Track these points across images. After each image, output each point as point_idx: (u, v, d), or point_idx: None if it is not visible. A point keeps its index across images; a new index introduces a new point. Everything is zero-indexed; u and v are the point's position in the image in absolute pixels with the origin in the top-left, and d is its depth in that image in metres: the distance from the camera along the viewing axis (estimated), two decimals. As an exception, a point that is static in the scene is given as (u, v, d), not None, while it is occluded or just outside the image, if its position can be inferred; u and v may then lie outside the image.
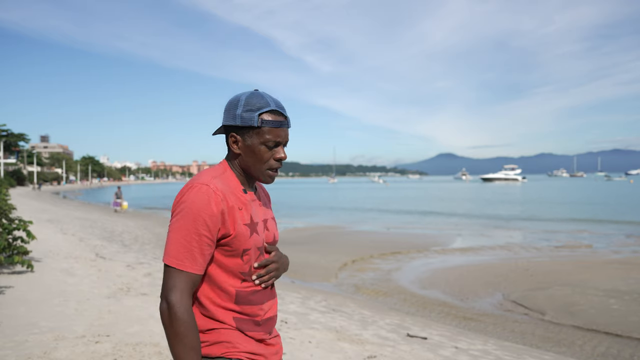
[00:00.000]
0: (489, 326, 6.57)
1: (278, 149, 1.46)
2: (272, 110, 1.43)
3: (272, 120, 1.42)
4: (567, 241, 15.47)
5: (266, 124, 1.41)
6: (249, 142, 1.44)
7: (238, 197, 1.45)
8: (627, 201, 38.43)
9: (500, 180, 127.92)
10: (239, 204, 1.43)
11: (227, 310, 1.43)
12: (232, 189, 1.44)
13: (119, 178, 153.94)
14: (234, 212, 1.40)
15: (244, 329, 1.44)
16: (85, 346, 4.01)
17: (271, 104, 1.43)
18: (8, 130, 68.82)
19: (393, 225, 21.31)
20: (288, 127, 1.48)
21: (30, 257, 7.94)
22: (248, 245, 1.43)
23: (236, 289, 1.43)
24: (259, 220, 1.49)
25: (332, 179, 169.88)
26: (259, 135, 1.42)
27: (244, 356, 1.43)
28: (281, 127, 1.44)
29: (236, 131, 1.45)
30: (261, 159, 1.45)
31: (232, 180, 1.47)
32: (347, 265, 11.15)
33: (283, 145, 1.48)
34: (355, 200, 44.98)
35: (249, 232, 1.43)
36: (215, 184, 1.39)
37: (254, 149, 1.44)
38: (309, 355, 4.19)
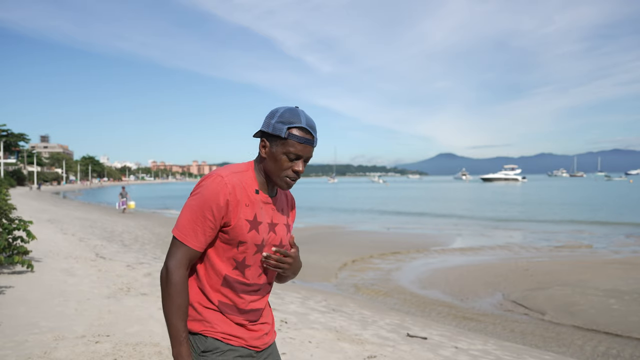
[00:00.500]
0: (489, 326, 6.57)
1: (298, 162, 1.59)
2: (302, 127, 1.56)
3: (299, 136, 1.55)
4: (567, 241, 15.47)
5: (292, 137, 1.55)
6: (274, 149, 1.58)
7: (248, 194, 1.59)
8: (626, 201, 38.43)
9: (500, 180, 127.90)
10: (246, 201, 1.58)
11: (215, 290, 1.60)
12: (245, 186, 1.59)
13: (119, 178, 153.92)
14: (239, 206, 1.55)
15: (224, 311, 1.61)
16: (85, 346, 4.01)
17: (302, 121, 1.56)
18: (8, 130, 68.82)
19: (393, 225, 21.31)
20: (313, 145, 1.60)
21: (30, 257, 7.94)
22: (245, 238, 1.57)
23: (225, 273, 1.60)
24: (264, 221, 1.62)
25: (332, 179, 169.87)
26: (284, 146, 1.56)
27: (220, 336, 1.59)
28: (305, 143, 1.57)
29: (267, 138, 1.59)
30: (280, 167, 1.58)
31: (249, 179, 1.62)
32: (347, 265, 11.15)
33: (303, 160, 1.60)
34: (355, 201, 44.99)
35: (248, 228, 1.57)
36: (231, 178, 1.56)
37: (276, 157, 1.57)
38: (309, 355, 4.19)
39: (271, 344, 1.77)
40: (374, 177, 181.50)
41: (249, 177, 1.62)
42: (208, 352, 1.58)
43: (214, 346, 1.59)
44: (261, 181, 1.64)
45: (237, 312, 1.63)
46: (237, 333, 1.62)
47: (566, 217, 25.02)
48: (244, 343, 1.65)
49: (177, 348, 1.53)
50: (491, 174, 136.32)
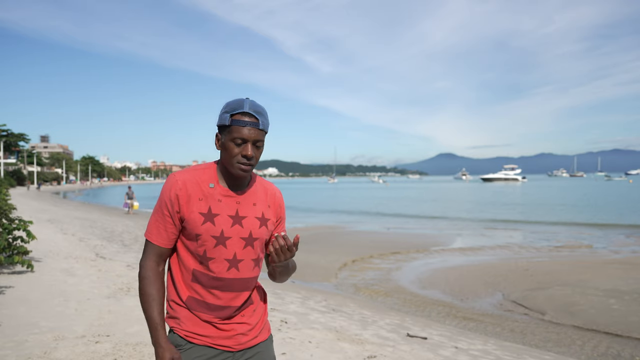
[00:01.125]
0: (489, 326, 6.57)
1: (245, 146, 1.59)
2: (244, 112, 1.58)
3: (241, 120, 1.58)
4: (567, 241, 15.47)
5: (235, 123, 1.58)
6: (223, 139, 1.63)
7: (201, 188, 1.64)
8: (626, 201, 38.43)
9: (500, 180, 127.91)
10: (199, 195, 1.63)
11: (186, 286, 1.66)
12: (199, 181, 1.65)
13: (119, 178, 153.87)
14: (190, 200, 1.62)
15: (192, 307, 1.65)
16: (85, 346, 4.01)
17: (245, 107, 1.59)
18: (8, 130, 68.82)
19: (393, 225, 21.31)
20: (258, 128, 1.60)
21: (30, 257, 7.94)
22: (199, 231, 1.61)
23: (193, 268, 1.65)
24: (221, 214, 1.63)
25: (332, 179, 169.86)
26: (230, 133, 1.59)
27: (183, 334, 1.65)
28: (246, 126, 1.58)
29: (219, 131, 1.65)
30: (231, 154, 1.60)
31: (206, 175, 1.67)
32: (347, 265, 11.15)
33: (252, 144, 1.60)
34: (355, 202, 44.99)
35: (202, 220, 1.61)
36: (182, 174, 1.65)
37: (226, 146, 1.61)
38: (309, 355, 4.19)
39: (253, 346, 1.72)
40: (374, 177, 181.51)
41: (207, 173, 1.67)
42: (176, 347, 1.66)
43: (177, 343, 1.66)
44: (222, 176, 1.67)
45: (207, 309, 1.64)
46: (202, 331, 1.64)
47: (566, 217, 25.02)
48: (209, 342, 1.65)
49: (153, 336, 1.60)
50: (491, 174, 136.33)
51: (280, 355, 4.10)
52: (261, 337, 1.75)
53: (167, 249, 1.67)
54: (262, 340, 1.75)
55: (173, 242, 1.67)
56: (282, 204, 1.81)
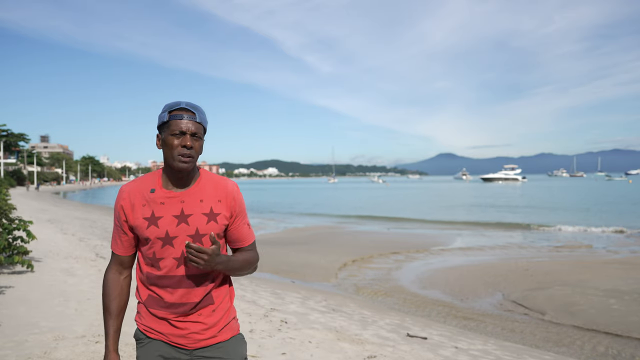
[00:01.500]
0: (489, 326, 6.57)
1: (184, 137, 1.65)
2: (181, 107, 1.66)
3: (178, 114, 1.66)
4: (567, 241, 15.47)
5: (173, 117, 1.66)
6: (163, 136, 1.69)
7: (143, 195, 1.71)
8: (626, 201, 38.42)
9: (500, 180, 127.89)
10: (142, 201, 1.70)
11: (146, 288, 1.76)
12: (141, 189, 1.72)
13: (119, 178, 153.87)
14: (134, 208, 1.70)
15: (148, 305, 1.74)
16: (85, 346, 4.01)
17: (181, 104, 1.67)
18: (8, 130, 68.80)
19: (393, 225, 21.31)
20: (195, 120, 1.67)
21: (30, 257, 7.94)
22: (146, 234, 1.69)
23: (146, 271, 1.74)
24: (165, 215, 1.68)
25: (332, 179, 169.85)
26: (169, 128, 1.66)
27: (142, 328, 1.76)
28: (185, 119, 1.65)
29: (159, 131, 1.72)
30: (171, 147, 1.66)
31: (150, 181, 1.74)
32: (347, 265, 11.15)
33: (190, 135, 1.66)
34: (355, 202, 44.99)
35: (146, 225, 1.68)
36: (127, 186, 1.75)
37: (166, 141, 1.67)
38: (309, 355, 4.19)
39: (209, 345, 1.72)
40: (374, 177, 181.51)
41: (150, 179, 1.74)
42: (137, 340, 1.79)
43: (138, 336, 1.78)
44: (167, 178, 1.72)
45: (163, 306, 1.71)
46: (157, 327, 1.73)
47: (566, 216, 25.01)
48: (163, 338, 1.72)
49: (105, 346, 1.77)
50: (491, 174, 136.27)
51: (280, 355, 4.10)
52: (221, 337, 1.75)
53: (127, 256, 1.80)
54: (223, 340, 1.75)
55: (130, 250, 1.79)
56: (236, 197, 1.79)
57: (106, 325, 1.77)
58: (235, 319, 1.84)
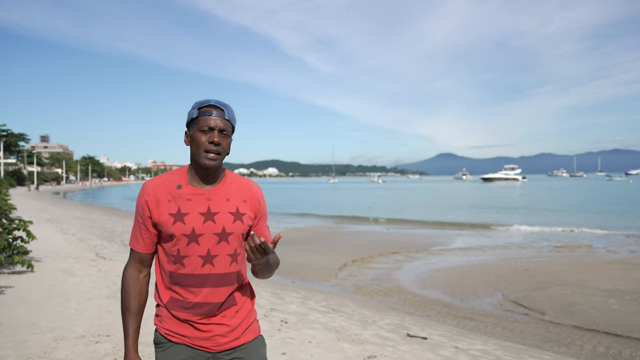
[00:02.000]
0: (488, 326, 6.57)
1: (212, 134, 1.64)
2: (210, 104, 1.67)
3: (207, 111, 1.66)
4: (567, 241, 15.47)
5: (202, 114, 1.66)
6: (191, 132, 1.68)
7: (170, 191, 1.68)
8: (626, 201, 38.42)
9: (500, 180, 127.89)
10: (168, 197, 1.68)
11: (166, 288, 1.72)
12: (168, 185, 1.70)
13: (119, 178, 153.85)
14: (160, 203, 1.67)
15: (170, 307, 1.70)
16: (85, 346, 4.01)
17: (211, 101, 1.68)
18: (8, 130, 68.80)
19: (393, 225, 21.30)
20: (224, 117, 1.67)
21: (30, 257, 7.94)
22: (171, 231, 1.65)
23: (169, 270, 1.69)
24: (192, 212, 1.66)
25: (332, 179, 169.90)
26: (197, 125, 1.66)
27: (164, 332, 1.71)
28: (213, 115, 1.65)
29: (187, 128, 1.71)
30: (199, 144, 1.65)
31: (176, 177, 1.72)
32: (347, 265, 11.15)
33: (218, 132, 1.65)
34: (355, 203, 44.98)
35: (172, 221, 1.65)
36: (152, 181, 1.72)
37: (194, 138, 1.66)
38: (309, 355, 4.19)
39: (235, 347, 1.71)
40: (374, 177, 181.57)
41: (176, 175, 1.72)
42: (156, 345, 1.73)
43: (158, 340, 1.73)
44: (193, 175, 1.71)
45: (185, 307, 1.67)
46: (180, 330, 1.68)
47: (566, 217, 25.01)
48: (187, 341, 1.68)
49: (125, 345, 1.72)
50: (491, 174, 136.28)
51: (280, 355, 4.10)
52: (244, 338, 1.74)
53: (147, 254, 1.74)
54: (246, 341, 1.74)
55: (151, 247, 1.74)
56: (260, 199, 1.80)
57: (126, 324, 1.72)
58: (256, 320, 1.83)
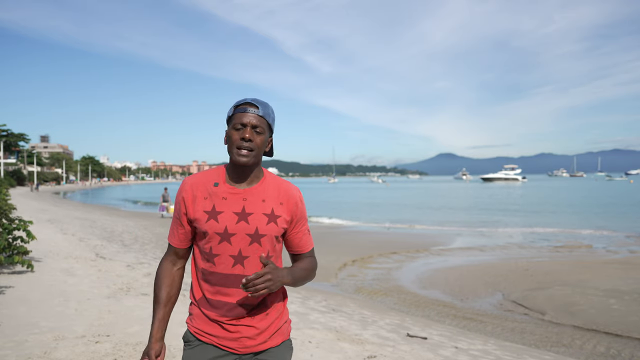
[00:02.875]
0: (488, 326, 6.57)
1: (244, 130, 1.64)
2: (246, 102, 1.67)
3: (241, 108, 1.66)
4: (567, 241, 15.47)
5: (236, 111, 1.67)
6: (227, 130, 1.69)
7: (207, 188, 1.69)
8: (626, 201, 38.42)
9: (500, 180, 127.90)
10: (204, 194, 1.69)
11: (199, 287, 1.73)
12: (205, 182, 1.71)
13: (119, 178, 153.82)
14: (196, 200, 1.69)
15: (202, 305, 1.71)
16: (85, 346, 4.01)
17: (247, 99, 1.68)
18: (8, 130, 68.81)
19: (393, 225, 21.31)
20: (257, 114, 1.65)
21: (30, 257, 7.94)
22: (205, 228, 1.66)
23: (202, 267, 1.71)
24: (226, 210, 1.66)
25: (333, 179, 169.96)
26: (232, 122, 1.67)
27: (193, 330, 1.72)
28: (245, 112, 1.64)
29: (226, 128, 1.71)
30: (232, 141, 1.65)
31: (213, 175, 1.73)
32: (347, 265, 11.15)
33: (251, 128, 1.64)
34: (355, 203, 44.96)
35: (206, 218, 1.66)
36: (191, 178, 1.74)
37: (229, 134, 1.67)
38: (309, 355, 4.19)
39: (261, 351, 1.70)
40: (374, 177, 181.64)
41: (214, 173, 1.73)
42: (185, 342, 1.75)
43: (187, 338, 1.74)
44: (230, 174, 1.72)
45: (215, 307, 1.68)
46: (209, 330, 1.69)
47: (566, 217, 25.01)
48: (215, 341, 1.67)
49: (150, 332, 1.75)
50: (491, 174, 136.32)
51: None
52: (272, 342, 1.72)
53: (181, 249, 1.77)
54: (273, 345, 1.73)
55: (185, 243, 1.76)
56: (299, 202, 1.76)
57: (153, 313, 1.75)
58: (287, 322, 1.82)
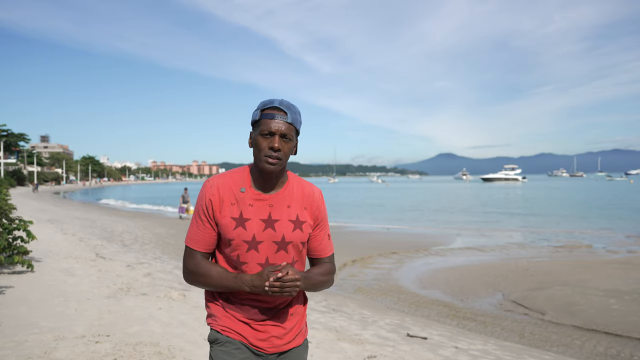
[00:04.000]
0: (488, 326, 6.57)
1: (273, 139, 1.59)
2: (273, 106, 1.60)
3: (268, 113, 1.59)
4: (566, 241, 15.47)
5: (264, 116, 1.60)
6: (253, 135, 1.64)
7: (234, 193, 1.63)
8: (626, 201, 38.42)
9: (500, 180, 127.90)
10: (232, 199, 1.62)
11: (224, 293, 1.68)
12: (232, 185, 1.64)
13: (119, 178, 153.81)
14: (224, 205, 1.62)
15: (225, 306, 1.67)
16: (85, 346, 4.01)
17: (275, 102, 1.61)
18: (8, 130, 68.82)
19: (393, 225, 21.31)
20: (286, 121, 1.59)
21: (30, 257, 7.94)
22: (231, 236, 1.61)
23: None
24: (253, 218, 1.62)
25: (333, 179, 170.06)
26: (259, 127, 1.61)
27: (219, 328, 1.67)
28: (274, 118, 1.58)
29: (252, 129, 1.66)
30: (260, 148, 1.60)
31: (240, 178, 1.66)
32: (347, 265, 11.15)
33: (279, 136, 1.59)
34: (355, 202, 44.96)
35: (234, 225, 1.60)
36: (218, 179, 1.66)
37: (256, 140, 1.61)
38: (309, 356, 4.19)
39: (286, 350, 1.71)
40: (373, 177, 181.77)
41: (241, 176, 1.67)
42: (212, 343, 1.69)
43: (214, 337, 1.68)
44: (255, 179, 1.66)
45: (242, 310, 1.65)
46: (237, 328, 1.66)
47: (566, 217, 25.01)
48: (244, 340, 1.66)
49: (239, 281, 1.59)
50: (491, 174, 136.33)
51: (280, 355, 4.10)
52: (296, 342, 1.73)
53: (206, 253, 1.69)
54: (297, 345, 1.74)
55: (212, 246, 1.68)
56: (320, 205, 1.76)
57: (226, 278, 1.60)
58: (306, 323, 1.83)
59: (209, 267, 1.63)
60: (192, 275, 1.66)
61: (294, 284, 1.54)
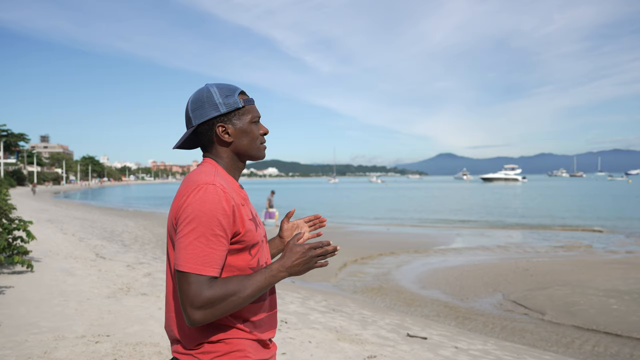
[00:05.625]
0: (488, 326, 6.57)
1: (260, 125, 1.53)
2: (242, 91, 1.50)
3: (248, 99, 1.49)
4: (566, 241, 15.46)
5: (247, 102, 1.48)
6: (239, 125, 1.46)
7: (238, 193, 1.43)
8: (626, 201, 38.42)
9: (500, 180, 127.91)
10: (241, 200, 1.41)
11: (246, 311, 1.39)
12: (231, 186, 1.42)
13: (119, 178, 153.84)
14: (240, 209, 1.37)
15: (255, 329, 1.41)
16: (85, 346, 4.01)
17: (239, 87, 1.50)
18: (8, 130, 68.81)
19: (393, 225, 21.30)
20: None
21: (30, 257, 7.94)
22: (257, 238, 1.42)
23: None
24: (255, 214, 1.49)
25: (333, 179, 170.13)
26: (247, 115, 1.47)
27: None
28: (254, 103, 1.52)
29: (223, 120, 1.44)
30: (254, 136, 1.49)
31: (228, 177, 1.45)
32: (347, 265, 11.15)
33: None
34: (355, 202, 44.94)
35: (254, 226, 1.42)
36: (217, 181, 1.35)
37: (246, 129, 1.47)
38: (309, 355, 4.19)
39: None
40: (373, 178, 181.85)
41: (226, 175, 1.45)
42: None
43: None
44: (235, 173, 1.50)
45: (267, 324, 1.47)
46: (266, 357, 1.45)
47: (566, 217, 25.01)
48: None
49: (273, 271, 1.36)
50: (491, 174, 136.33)
51: (280, 355, 4.10)
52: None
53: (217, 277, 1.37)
54: None
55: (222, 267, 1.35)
56: None
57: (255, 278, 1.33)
58: None
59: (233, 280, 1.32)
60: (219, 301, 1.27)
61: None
